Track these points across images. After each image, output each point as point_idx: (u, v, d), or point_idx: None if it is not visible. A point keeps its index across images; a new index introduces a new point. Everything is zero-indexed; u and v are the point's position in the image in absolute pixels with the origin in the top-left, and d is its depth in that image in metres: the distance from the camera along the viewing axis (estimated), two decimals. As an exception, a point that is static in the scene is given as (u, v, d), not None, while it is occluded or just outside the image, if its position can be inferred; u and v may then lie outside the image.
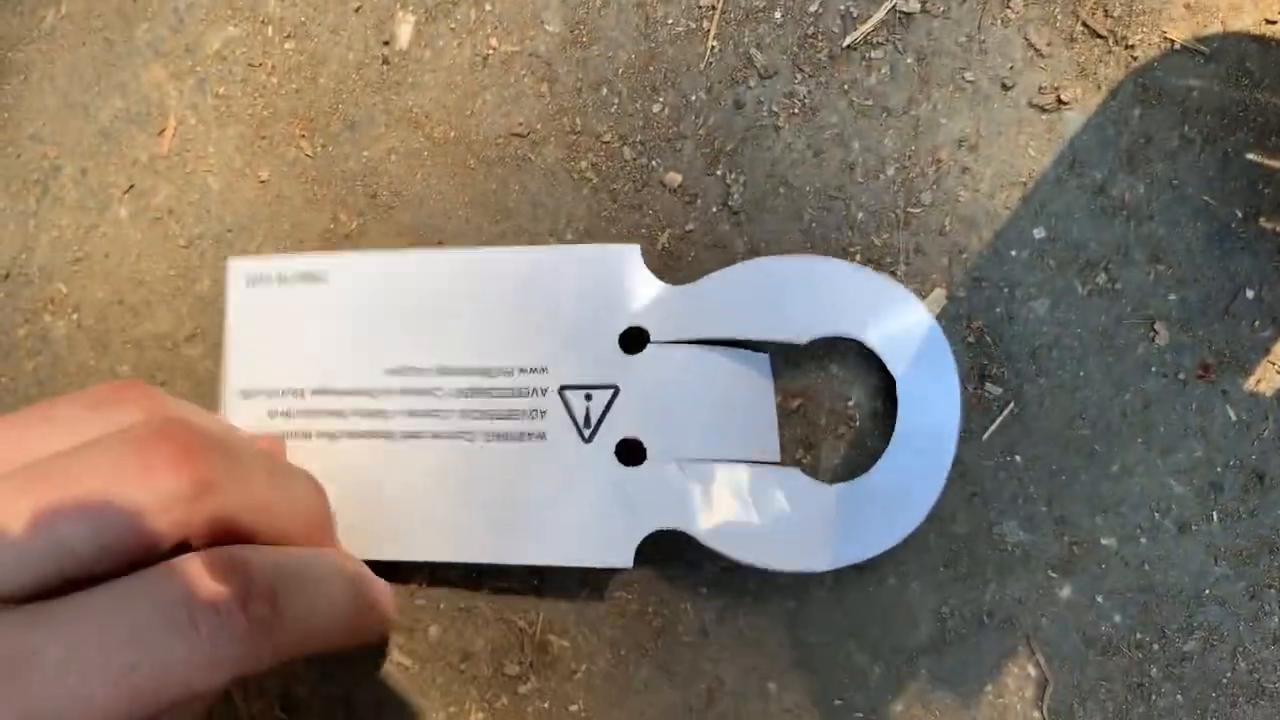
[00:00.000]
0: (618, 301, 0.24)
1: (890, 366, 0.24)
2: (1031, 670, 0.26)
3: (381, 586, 0.23)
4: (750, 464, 0.24)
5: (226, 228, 0.28)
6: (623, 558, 0.24)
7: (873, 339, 0.24)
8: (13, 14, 0.28)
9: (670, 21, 0.27)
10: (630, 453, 0.24)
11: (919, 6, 0.25)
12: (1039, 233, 0.25)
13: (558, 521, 0.24)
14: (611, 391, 0.24)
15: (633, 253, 0.24)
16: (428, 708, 0.27)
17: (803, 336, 0.24)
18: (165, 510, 0.16)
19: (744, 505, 0.24)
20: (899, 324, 0.24)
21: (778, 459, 0.25)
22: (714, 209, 0.26)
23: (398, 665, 0.27)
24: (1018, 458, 0.26)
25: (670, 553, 0.26)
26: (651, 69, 0.27)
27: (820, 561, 0.24)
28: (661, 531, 0.24)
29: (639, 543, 0.24)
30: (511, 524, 0.24)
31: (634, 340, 0.24)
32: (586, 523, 0.24)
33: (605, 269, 0.24)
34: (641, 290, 0.24)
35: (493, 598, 0.27)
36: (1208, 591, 0.25)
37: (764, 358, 0.25)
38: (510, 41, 0.27)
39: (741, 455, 0.24)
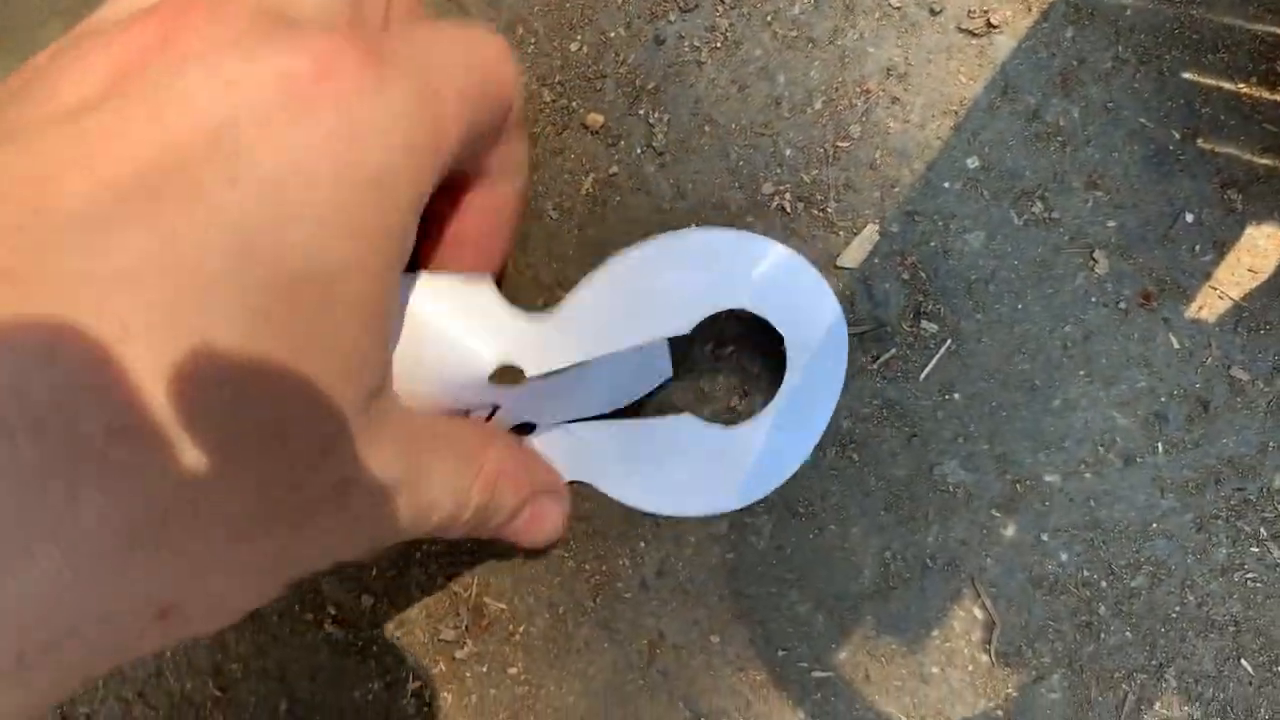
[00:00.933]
0: (482, 343, 0.21)
1: (775, 324, 0.23)
2: (978, 612, 0.25)
3: None
4: (641, 418, 0.24)
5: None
6: None
7: (751, 302, 0.23)
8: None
9: (587, -43, 0.26)
10: (521, 427, 0.24)
11: (841, -70, 0.24)
12: (972, 162, 0.25)
13: None
14: (491, 409, 0.22)
15: (485, 285, 0.21)
16: (364, 676, 0.26)
17: (685, 328, 0.23)
18: None
19: (636, 456, 0.24)
20: (775, 278, 0.23)
21: (670, 375, 0.25)
22: (638, 150, 0.25)
23: (331, 636, 0.26)
24: (956, 396, 0.25)
25: (606, 507, 0.25)
26: (568, 6, 0.25)
27: (725, 502, 0.24)
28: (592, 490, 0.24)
29: None
30: None
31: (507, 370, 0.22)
32: None
33: (462, 305, 0.21)
34: (504, 326, 0.21)
35: (426, 562, 0.26)
36: (1154, 525, 0.25)
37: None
38: (422, -16, 0.26)
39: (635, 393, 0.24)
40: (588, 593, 0.26)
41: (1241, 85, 0.24)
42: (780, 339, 0.25)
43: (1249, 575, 0.24)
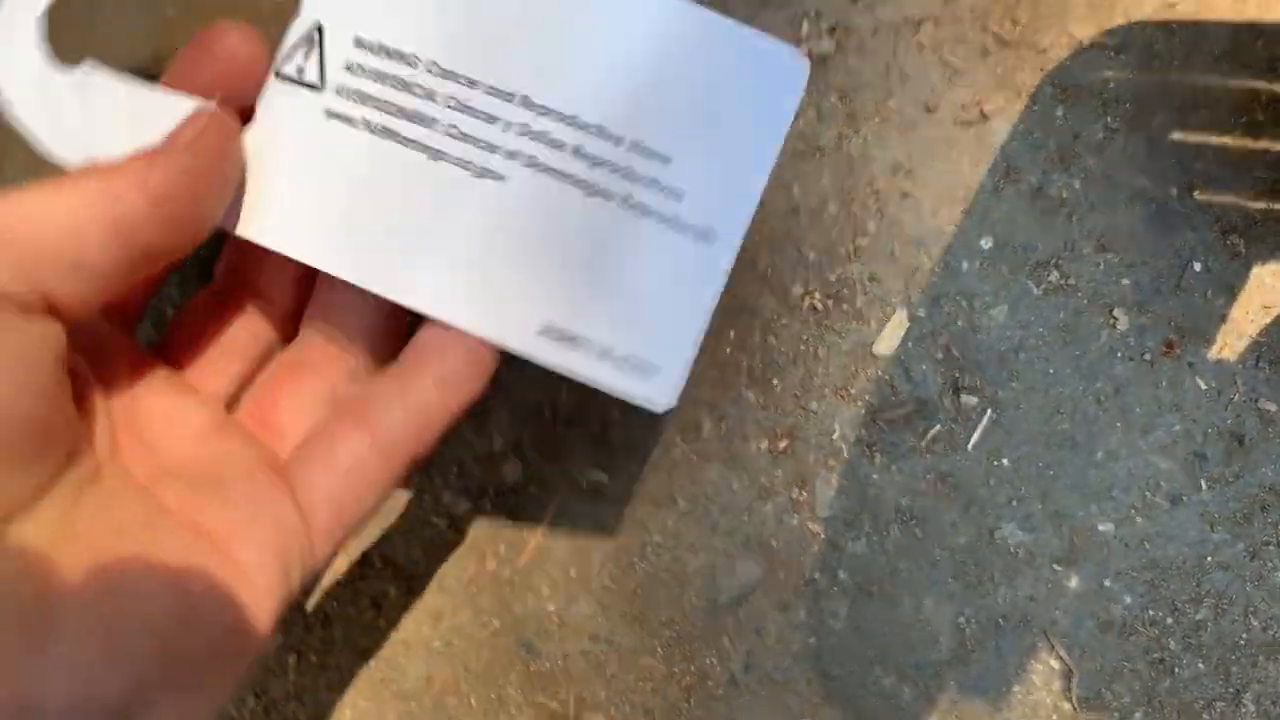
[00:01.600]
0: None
1: None
2: (1054, 663, 0.26)
3: None
4: None
5: None
6: None
7: None
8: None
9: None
10: None
11: (833, 47, 0.26)
12: (986, 242, 0.26)
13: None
14: None
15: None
16: (477, 802, 0.27)
17: None
18: None
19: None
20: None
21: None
22: (671, 271, 0.27)
23: (441, 765, 0.27)
24: (1005, 461, 0.26)
25: (686, 610, 0.27)
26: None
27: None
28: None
29: None
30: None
31: None
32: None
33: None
34: None
35: (522, 682, 0.27)
36: (1209, 559, 0.26)
37: None
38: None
39: None
40: (681, 695, 0.27)
41: (1226, 138, 0.26)
42: (831, 432, 0.26)
43: (1307, 595, 0.26)
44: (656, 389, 0.20)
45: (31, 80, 0.18)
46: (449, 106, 0.19)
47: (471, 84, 0.19)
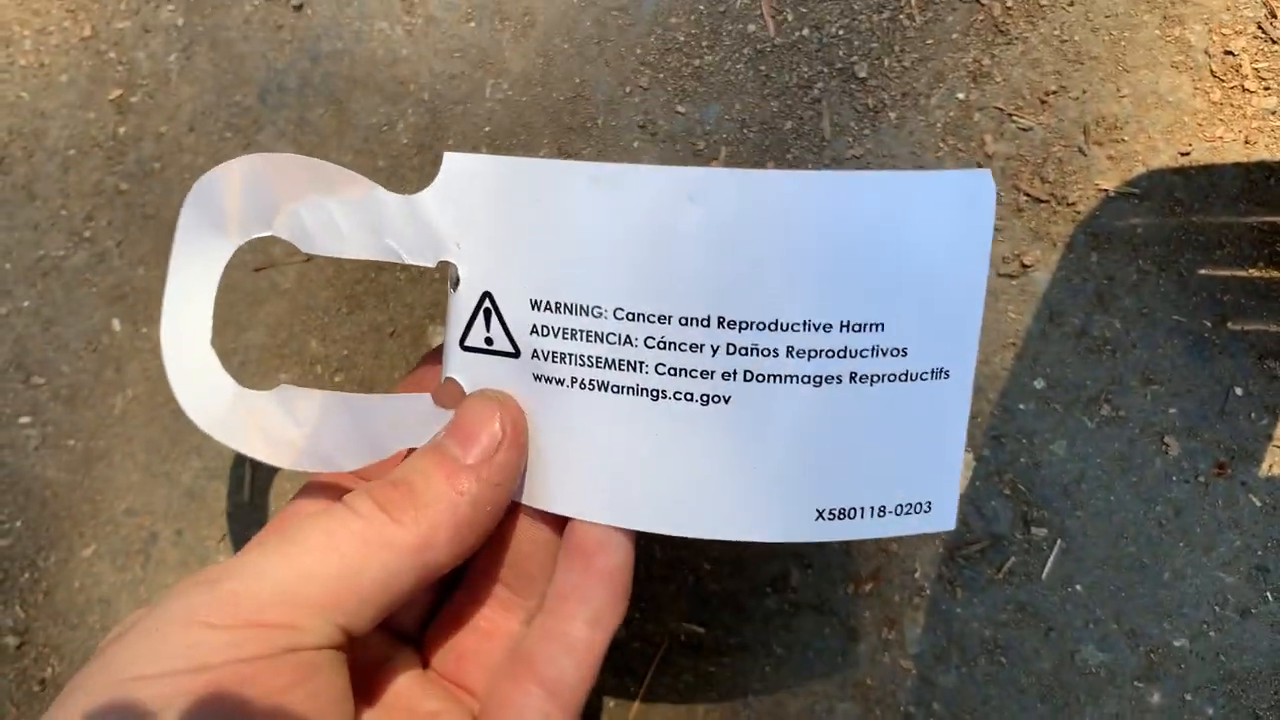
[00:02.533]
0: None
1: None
2: (1147, 777, 0.27)
3: None
4: None
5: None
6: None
7: None
8: (86, 408, 0.31)
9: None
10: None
11: (880, 216, 0.29)
12: (1039, 384, 0.28)
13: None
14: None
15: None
16: None
17: None
18: None
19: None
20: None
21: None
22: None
23: None
24: (1078, 587, 0.28)
25: (792, 752, 0.28)
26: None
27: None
28: None
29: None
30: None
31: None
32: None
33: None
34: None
35: (640, 832, 0.29)
36: (1283, 665, 0.27)
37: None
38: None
39: None
40: (793, 832, 0.28)
41: (1252, 270, 0.28)
42: (913, 570, 0.28)
43: (1381, 695, 0.27)
44: (935, 521, 0.20)
45: (226, 407, 0.19)
46: (649, 346, 0.18)
47: (663, 319, 0.18)
